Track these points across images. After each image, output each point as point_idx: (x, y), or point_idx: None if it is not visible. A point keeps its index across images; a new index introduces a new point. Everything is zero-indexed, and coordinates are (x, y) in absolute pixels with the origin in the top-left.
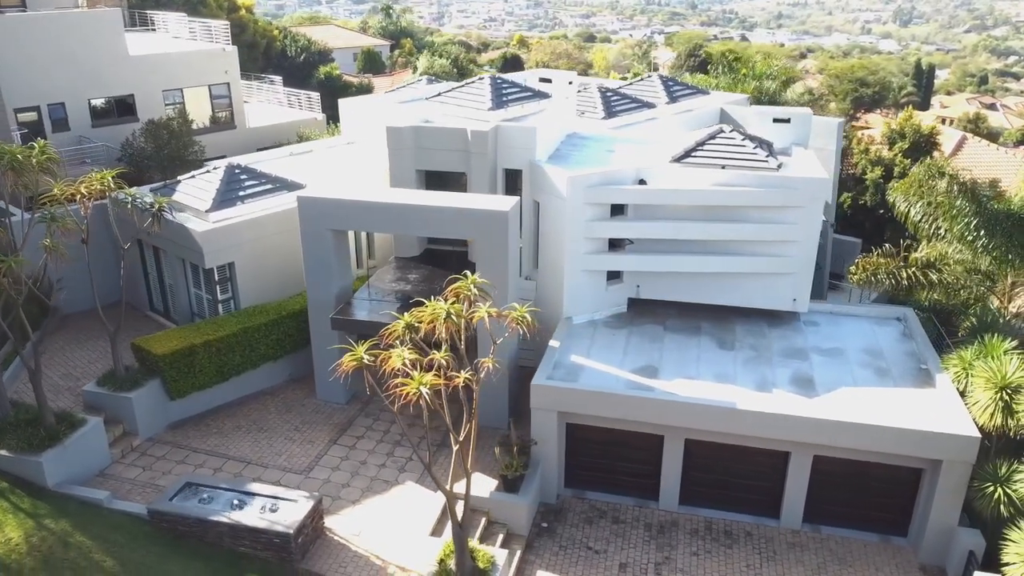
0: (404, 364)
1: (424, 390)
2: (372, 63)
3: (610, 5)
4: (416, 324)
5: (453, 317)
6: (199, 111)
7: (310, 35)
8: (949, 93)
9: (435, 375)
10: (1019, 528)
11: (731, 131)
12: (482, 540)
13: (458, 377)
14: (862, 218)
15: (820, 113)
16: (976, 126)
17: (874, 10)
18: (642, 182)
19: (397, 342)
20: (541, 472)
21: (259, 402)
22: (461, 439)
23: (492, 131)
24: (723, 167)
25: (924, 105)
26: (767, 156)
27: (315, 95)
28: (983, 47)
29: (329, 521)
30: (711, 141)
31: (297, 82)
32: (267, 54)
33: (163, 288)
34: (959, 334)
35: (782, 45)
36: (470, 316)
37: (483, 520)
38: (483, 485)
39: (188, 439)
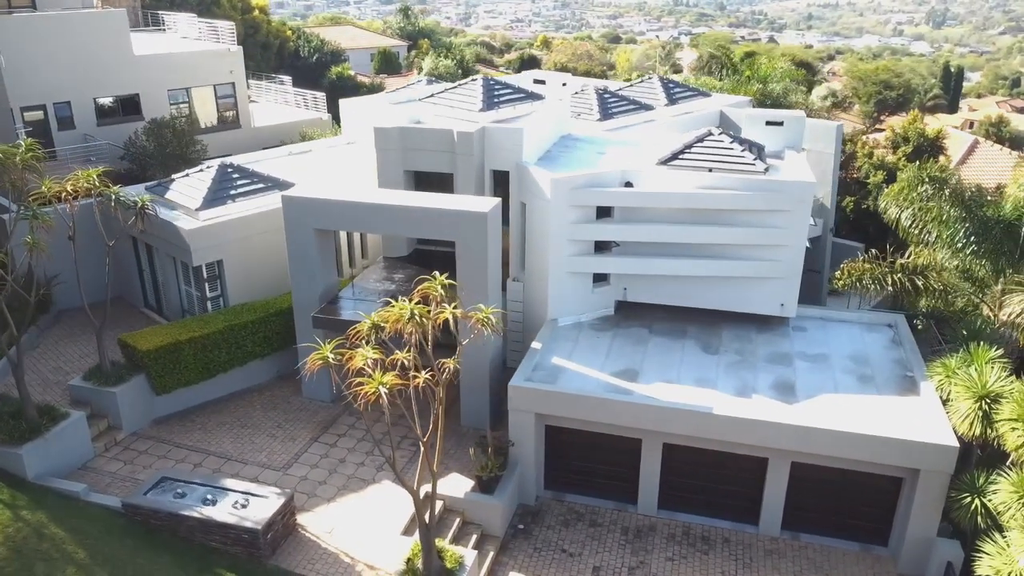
0: (366, 364)
1: (383, 389)
2: (388, 64)
3: (638, 6)
4: (382, 324)
5: (417, 318)
6: (204, 110)
7: (325, 36)
8: (979, 96)
9: (395, 375)
10: (993, 540)
11: (720, 134)
12: (456, 540)
13: (418, 377)
14: (866, 222)
15: (844, 116)
16: (999, 130)
17: (906, 11)
18: (629, 184)
19: (364, 341)
20: (519, 474)
21: (245, 399)
22: (425, 439)
23: (478, 132)
24: (710, 170)
25: (952, 108)
26: (755, 159)
27: (321, 95)
28: (1017, 49)
29: (303, 518)
30: (699, 144)
31: (310, 82)
32: (280, 54)
33: (156, 285)
34: (958, 342)
35: (810, 47)
36: (435, 317)
37: (458, 520)
38: (459, 485)
39: (172, 434)
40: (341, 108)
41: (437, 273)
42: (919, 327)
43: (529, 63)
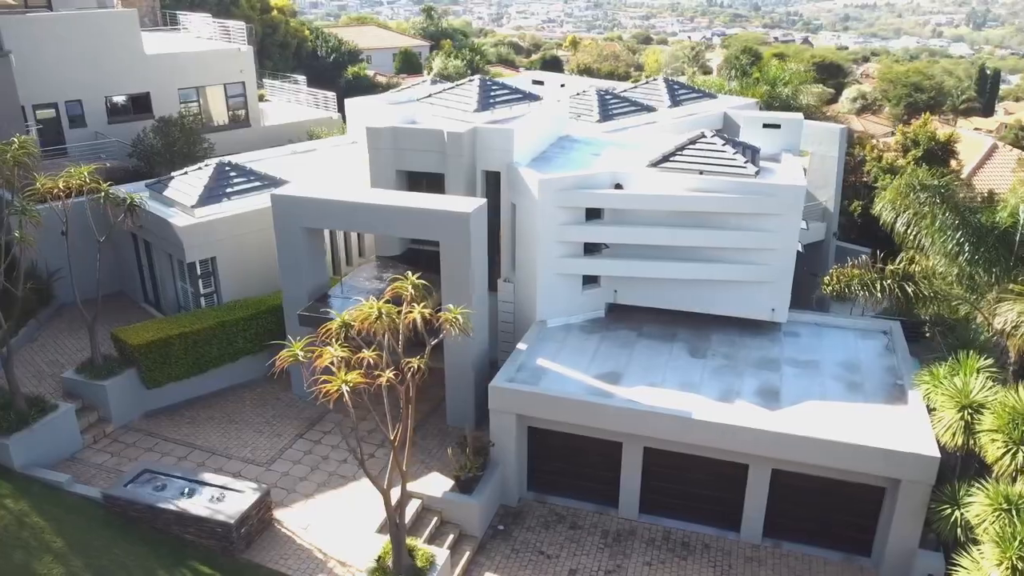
0: (332, 363)
1: (345, 388)
2: (409, 64)
3: (671, 7)
4: (351, 323)
5: (384, 317)
6: (215, 109)
7: (348, 36)
8: (1018, 99)
9: (360, 374)
10: (969, 554)
11: (712, 136)
12: (432, 540)
13: (382, 376)
14: (874, 227)
15: (872, 119)
16: None
17: (946, 13)
18: (619, 186)
19: (334, 339)
20: (500, 474)
21: (236, 395)
22: (393, 438)
23: (469, 133)
24: (700, 172)
25: (988, 111)
26: (746, 162)
27: (331, 95)
28: None
29: (280, 514)
30: (690, 146)
31: (327, 82)
32: (298, 54)
33: (154, 281)
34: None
35: (845, 48)
36: (405, 317)
37: (435, 520)
38: (439, 485)
39: (160, 428)
40: (347, 107)
41: (410, 272)
42: (927, 334)
43: (551, 64)
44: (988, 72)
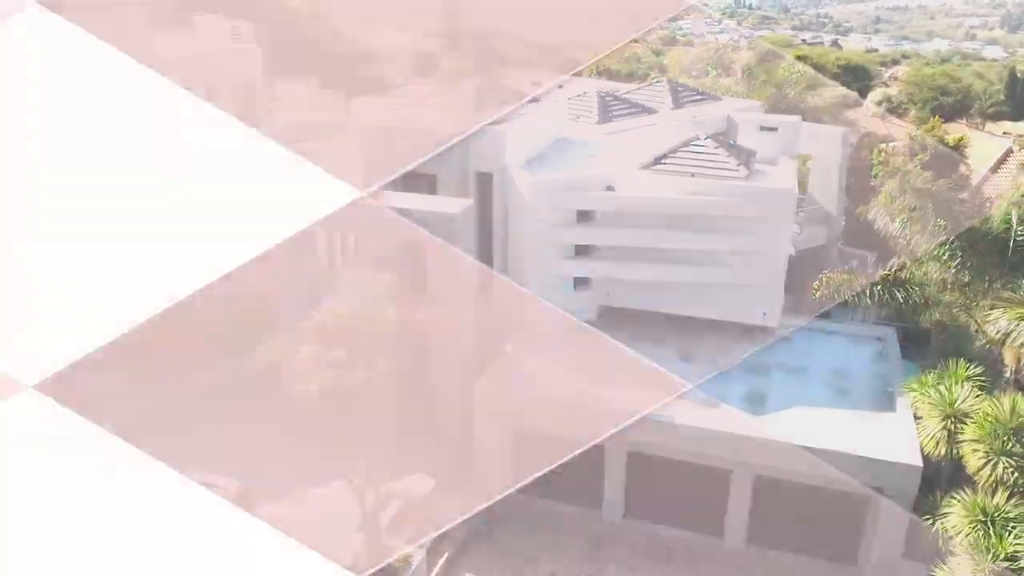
0: None
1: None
2: None
3: (699, 9)
4: None
5: None
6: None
7: None
8: None
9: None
10: (945, 566)
11: (706, 138)
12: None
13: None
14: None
15: (898, 122)
16: None
17: (980, 15)
18: (610, 188)
19: None
20: None
21: None
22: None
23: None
24: (691, 175)
25: (1017, 115)
26: (738, 165)
27: None
28: None
29: (262, 510)
30: (684, 148)
31: None
32: None
33: None
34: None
35: (875, 51)
36: None
37: (418, 520)
38: (423, 485)
39: None
40: None
41: None
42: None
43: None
44: (1019, 75)
